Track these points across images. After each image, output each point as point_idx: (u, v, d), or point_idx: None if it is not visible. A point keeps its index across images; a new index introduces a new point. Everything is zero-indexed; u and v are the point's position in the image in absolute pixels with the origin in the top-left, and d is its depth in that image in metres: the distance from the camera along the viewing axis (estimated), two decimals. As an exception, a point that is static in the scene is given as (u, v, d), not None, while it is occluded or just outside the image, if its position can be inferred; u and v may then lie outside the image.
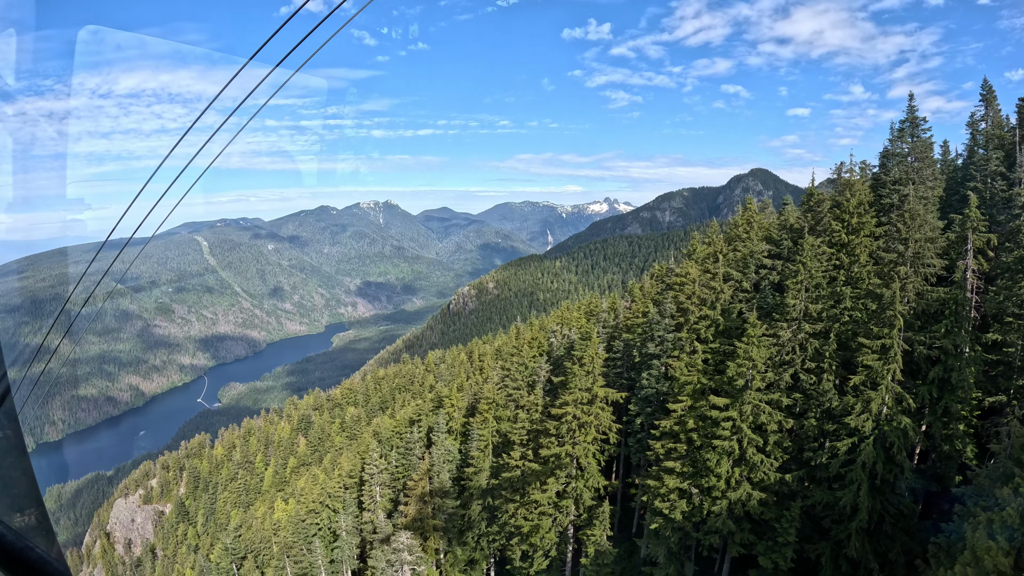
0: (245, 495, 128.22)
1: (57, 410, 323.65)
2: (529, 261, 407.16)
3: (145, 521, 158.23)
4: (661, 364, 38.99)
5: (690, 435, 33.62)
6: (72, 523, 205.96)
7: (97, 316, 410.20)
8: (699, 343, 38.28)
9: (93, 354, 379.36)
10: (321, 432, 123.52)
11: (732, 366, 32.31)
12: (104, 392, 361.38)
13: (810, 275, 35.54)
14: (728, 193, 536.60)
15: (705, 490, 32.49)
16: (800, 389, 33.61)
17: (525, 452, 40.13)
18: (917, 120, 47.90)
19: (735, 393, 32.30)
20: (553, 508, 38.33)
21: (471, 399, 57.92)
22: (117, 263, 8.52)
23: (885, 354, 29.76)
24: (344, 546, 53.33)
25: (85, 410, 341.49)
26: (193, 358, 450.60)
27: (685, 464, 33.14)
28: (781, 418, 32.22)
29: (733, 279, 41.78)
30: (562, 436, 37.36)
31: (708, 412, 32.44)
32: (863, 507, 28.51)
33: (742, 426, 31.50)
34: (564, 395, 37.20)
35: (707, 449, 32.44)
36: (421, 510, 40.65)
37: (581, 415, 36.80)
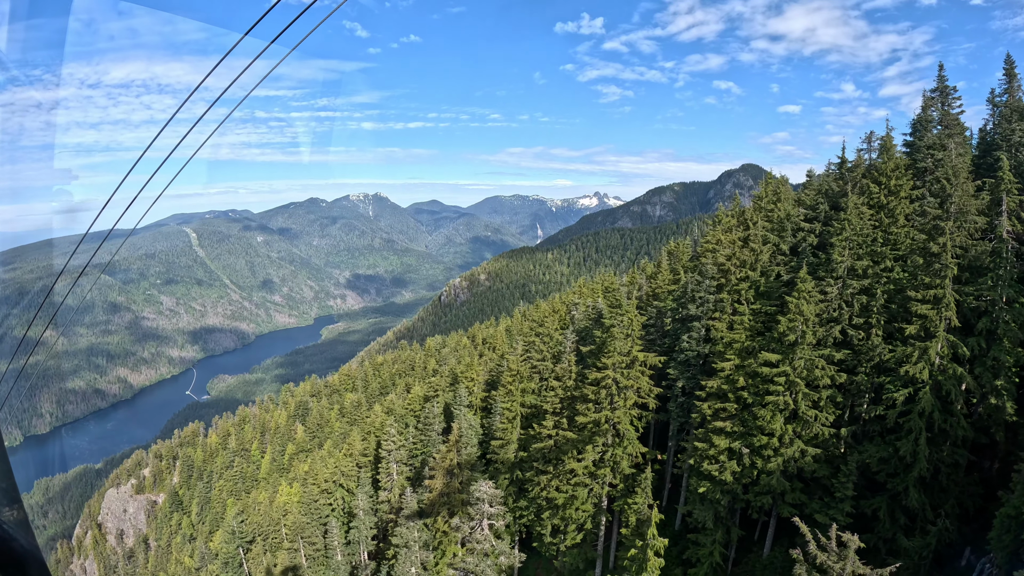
0: (242, 483, 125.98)
1: (45, 403, 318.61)
2: (521, 253, 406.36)
3: (138, 511, 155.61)
4: (701, 326, 37.84)
5: (740, 394, 32.69)
6: (61, 516, 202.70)
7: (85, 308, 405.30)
8: (739, 304, 37.26)
9: (82, 346, 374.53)
10: (320, 418, 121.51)
11: (783, 321, 31.46)
12: (92, 384, 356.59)
13: (855, 232, 35.21)
14: (719, 188, 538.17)
15: (756, 449, 31.57)
16: (849, 345, 33.06)
17: (559, 421, 38.84)
18: (947, 89, 48.39)
19: (786, 349, 31.51)
20: (589, 478, 37.06)
21: (488, 375, 56.56)
22: (105, 255, 8.34)
23: (938, 304, 29.39)
24: (361, 526, 51.69)
25: (73, 403, 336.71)
26: (182, 350, 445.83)
27: (735, 424, 32.20)
28: (833, 372, 31.45)
29: (771, 242, 40.96)
30: (600, 401, 36.08)
31: (759, 369, 31.55)
32: (922, 456, 27.92)
33: (796, 381, 30.66)
34: (603, 359, 35.89)
35: (758, 406, 31.56)
36: (448, 484, 39.11)
37: (621, 379, 35.53)
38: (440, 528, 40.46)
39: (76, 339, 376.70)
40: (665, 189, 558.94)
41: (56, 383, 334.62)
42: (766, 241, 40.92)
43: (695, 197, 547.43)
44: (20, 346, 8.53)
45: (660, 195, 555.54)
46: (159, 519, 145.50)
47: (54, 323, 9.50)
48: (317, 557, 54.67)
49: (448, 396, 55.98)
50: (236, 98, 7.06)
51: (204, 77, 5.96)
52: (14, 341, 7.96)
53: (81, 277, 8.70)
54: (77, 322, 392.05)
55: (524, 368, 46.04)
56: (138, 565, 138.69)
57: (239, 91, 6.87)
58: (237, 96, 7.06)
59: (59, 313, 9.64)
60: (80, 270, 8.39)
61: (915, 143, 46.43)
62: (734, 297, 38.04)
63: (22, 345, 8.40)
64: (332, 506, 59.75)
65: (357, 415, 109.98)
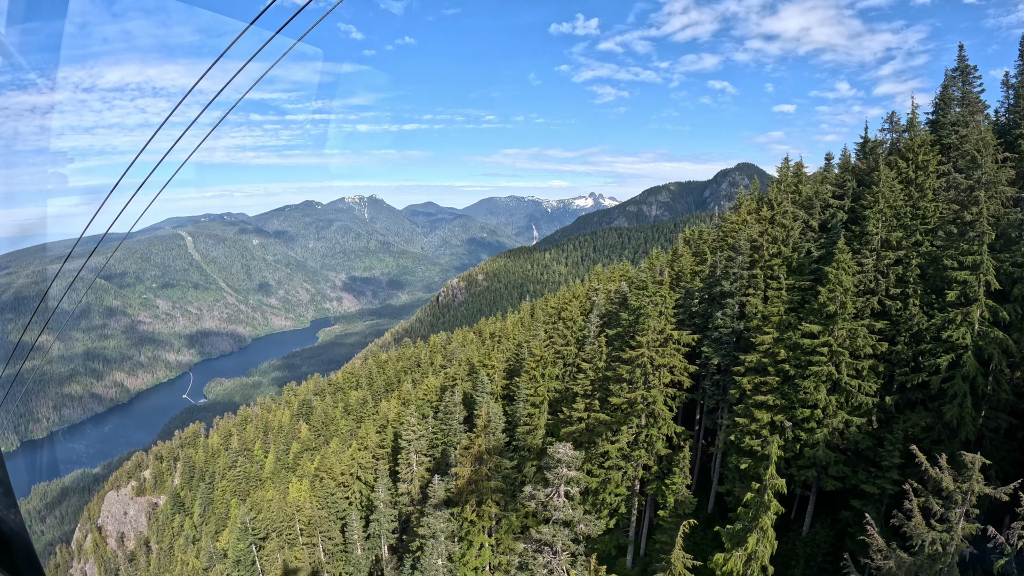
0: (245, 483, 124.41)
1: (42, 407, 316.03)
2: (519, 253, 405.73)
3: (138, 514, 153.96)
4: (735, 302, 37.29)
5: (781, 366, 32.28)
6: (59, 521, 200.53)
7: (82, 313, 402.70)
8: (772, 280, 36.85)
9: (78, 351, 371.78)
10: (325, 416, 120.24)
11: (823, 292, 31.24)
12: (89, 389, 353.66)
13: (888, 204, 35.27)
14: (715, 187, 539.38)
15: (799, 423, 31.18)
16: (887, 316, 32.93)
17: (590, 404, 38.12)
18: (968, 68, 48.96)
19: (826, 320, 31.33)
20: (623, 460, 36.34)
21: (506, 364, 55.80)
22: (99, 259, 8.44)
23: (976, 269, 29.29)
24: (382, 519, 50.55)
25: (70, 407, 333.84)
26: (178, 354, 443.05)
27: (776, 397, 31.76)
28: (875, 341, 31.20)
29: (800, 218, 40.64)
30: (635, 381, 35.37)
31: (800, 340, 31.29)
32: (967, 420, 27.72)
33: (839, 350, 30.36)
34: (637, 337, 35.25)
35: (801, 378, 31.24)
36: (477, 471, 38.20)
37: (656, 356, 34.87)
38: (468, 517, 39.57)
39: (72, 344, 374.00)
40: (661, 189, 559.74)
41: (53, 388, 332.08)
42: (795, 218, 40.54)
43: (691, 196, 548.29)
44: (15, 351, 8.20)
45: (656, 195, 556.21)
46: (160, 521, 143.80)
47: (49, 327, 9.12)
48: (336, 552, 53.56)
49: (467, 386, 55.12)
50: (231, 100, 7.01)
51: (197, 80, 5.92)
52: (9, 346, 7.50)
53: (76, 281, 8.53)
54: (73, 327, 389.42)
55: (548, 353, 45.30)
56: (139, 568, 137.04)
57: (234, 93, 6.75)
58: (232, 98, 6.99)
59: (54, 317, 9.58)
60: (75, 274, 8.23)
61: (939, 120, 46.85)
62: (767, 272, 37.60)
63: (17, 350, 8.02)
64: (349, 500, 58.63)
65: (363, 412, 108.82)
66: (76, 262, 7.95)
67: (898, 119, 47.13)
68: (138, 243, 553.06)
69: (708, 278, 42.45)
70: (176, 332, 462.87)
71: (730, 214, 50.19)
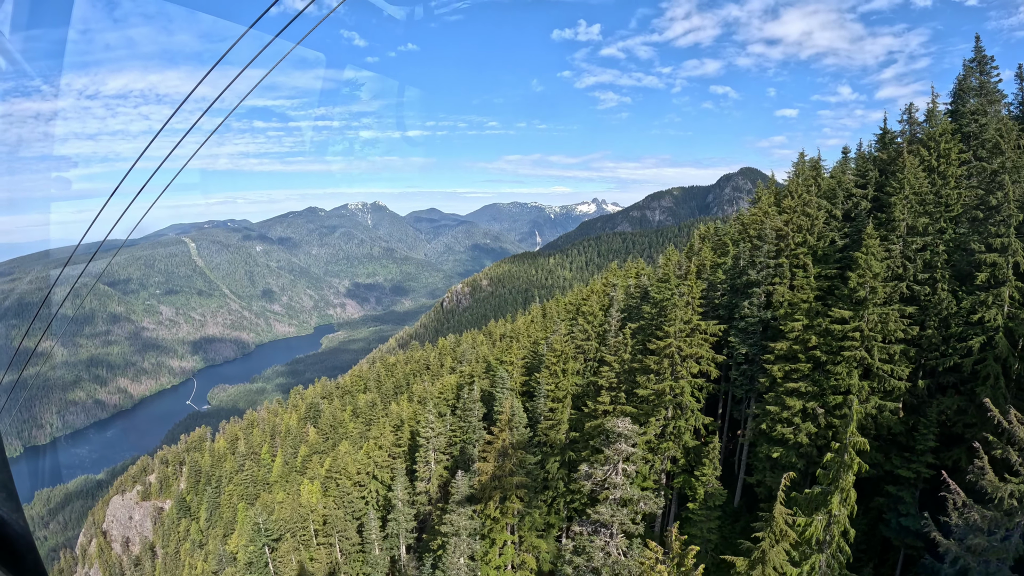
0: (252, 487, 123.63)
1: (45, 413, 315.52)
2: (523, 259, 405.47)
3: (143, 518, 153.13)
4: (762, 291, 36.92)
5: (812, 353, 31.93)
6: (62, 527, 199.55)
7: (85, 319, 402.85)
8: (797, 269, 36.56)
9: (82, 357, 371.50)
10: (333, 419, 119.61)
11: (853, 277, 31.01)
12: (92, 395, 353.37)
13: (913, 191, 35.33)
14: (718, 192, 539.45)
15: (830, 409, 30.84)
16: (915, 301, 32.84)
17: (616, 396, 37.60)
18: (985, 59, 49.63)
19: (856, 305, 31.16)
20: (651, 453, 35.81)
21: (523, 360, 55.29)
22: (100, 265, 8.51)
23: (1005, 251, 29.19)
24: (400, 518, 49.87)
25: (73, 413, 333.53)
26: (181, 360, 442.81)
27: (808, 384, 31.35)
28: (906, 326, 30.97)
29: (824, 207, 40.48)
30: (662, 372, 34.91)
31: (831, 327, 31.09)
32: (1000, 401, 27.17)
33: (871, 335, 30.14)
34: (664, 327, 34.80)
35: (832, 364, 30.98)
36: (501, 466, 37.60)
37: (684, 346, 34.42)
38: (491, 514, 38.89)
39: (77, 350, 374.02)
40: (664, 194, 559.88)
41: (56, 393, 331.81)
42: (819, 207, 40.37)
43: (694, 201, 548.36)
44: (15, 356, 8.32)
45: (659, 200, 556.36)
46: (166, 526, 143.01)
47: (51, 333, 8.98)
48: (353, 552, 52.84)
49: (484, 383, 54.57)
50: (232, 106, 7.10)
51: (195, 86, 5.88)
52: (12, 352, 7.29)
53: (78, 287, 8.54)
54: (77, 332, 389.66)
55: (569, 348, 44.81)
56: (145, 573, 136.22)
57: (234, 98, 6.89)
58: (233, 104, 7.05)
59: (56, 323, 9.43)
60: (74, 280, 8.22)
61: (958, 109, 47.18)
62: (793, 261, 37.31)
63: (20, 355, 8.17)
64: (366, 499, 57.93)
65: (373, 414, 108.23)
66: (77, 267, 7.98)
67: (916, 110, 47.35)
68: (142, 249, 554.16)
69: (731, 269, 42.15)
70: (180, 338, 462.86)
71: (748, 208, 50.24)
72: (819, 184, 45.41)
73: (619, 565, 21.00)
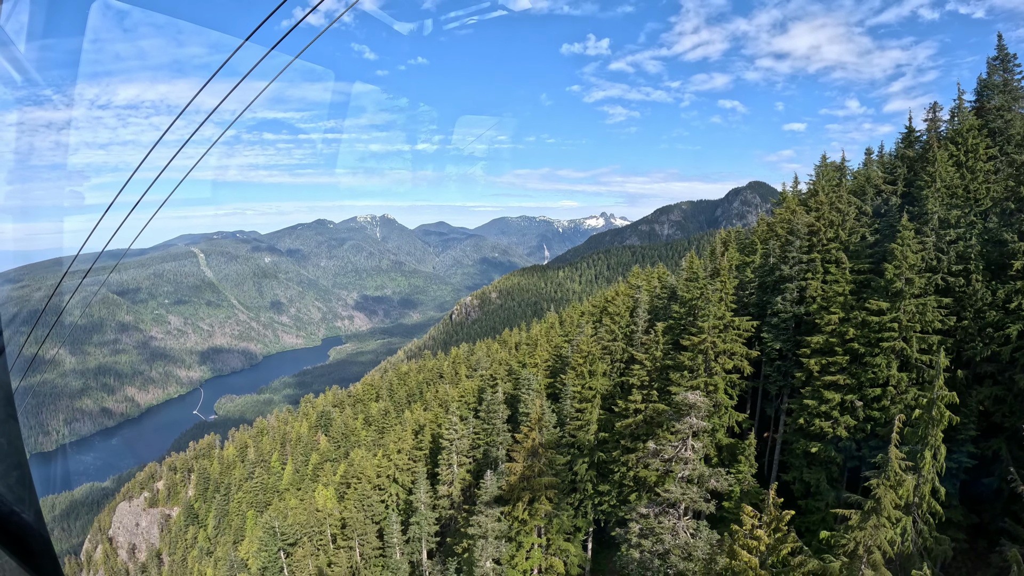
0: (263, 494, 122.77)
1: (51, 420, 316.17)
2: (532, 271, 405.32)
3: (150, 525, 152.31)
4: (795, 287, 36.59)
5: (849, 345, 31.65)
6: (67, 534, 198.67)
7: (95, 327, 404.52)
8: (830, 264, 36.32)
9: (91, 365, 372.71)
10: (345, 427, 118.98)
11: (889, 268, 30.89)
12: (99, 403, 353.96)
13: (944, 184, 35.67)
14: (726, 206, 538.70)
15: (869, 402, 30.53)
16: (950, 292, 32.76)
17: (647, 395, 37.10)
18: (1008, 56, 50.57)
19: (892, 297, 31.04)
20: (683, 450, 35.23)
21: (546, 363, 54.85)
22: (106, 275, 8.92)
23: None
24: (422, 521, 49.00)
25: (80, 420, 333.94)
26: (189, 370, 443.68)
27: (846, 377, 31.09)
28: (943, 315, 30.86)
29: (854, 203, 40.43)
30: (696, 368, 34.44)
31: (868, 318, 30.96)
32: None
33: (909, 325, 30.00)
34: (698, 322, 34.42)
35: (871, 356, 30.77)
36: (531, 466, 36.97)
37: (718, 342, 33.99)
38: (518, 516, 38.12)
39: (85, 358, 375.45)
40: (673, 208, 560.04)
41: (64, 401, 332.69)
42: (849, 203, 40.38)
43: (703, 215, 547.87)
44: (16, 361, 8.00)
45: (668, 214, 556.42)
46: (173, 533, 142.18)
47: (58, 340, 8.92)
48: (373, 556, 51.99)
49: (507, 386, 54.05)
50: (241, 117, 7.19)
51: (196, 93, 5.93)
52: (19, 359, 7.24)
53: (80, 294, 8.57)
54: (86, 341, 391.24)
55: (596, 349, 44.37)
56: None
57: (241, 109, 6.94)
58: (243, 115, 7.11)
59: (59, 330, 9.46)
60: (75, 288, 8.25)
61: (983, 106, 47.51)
62: (825, 256, 37.05)
63: (22, 361, 7.98)
64: (386, 503, 57.15)
65: (386, 423, 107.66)
66: (78, 277, 7.95)
67: (940, 109, 47.86)
68: (151, 259, 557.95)
69: (760, 268, 42.00)
70: (188, 348, 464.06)
71: (778, 208, 50.32)
72: (843, 184, 45.69)
73: (690, 546, 20.41)
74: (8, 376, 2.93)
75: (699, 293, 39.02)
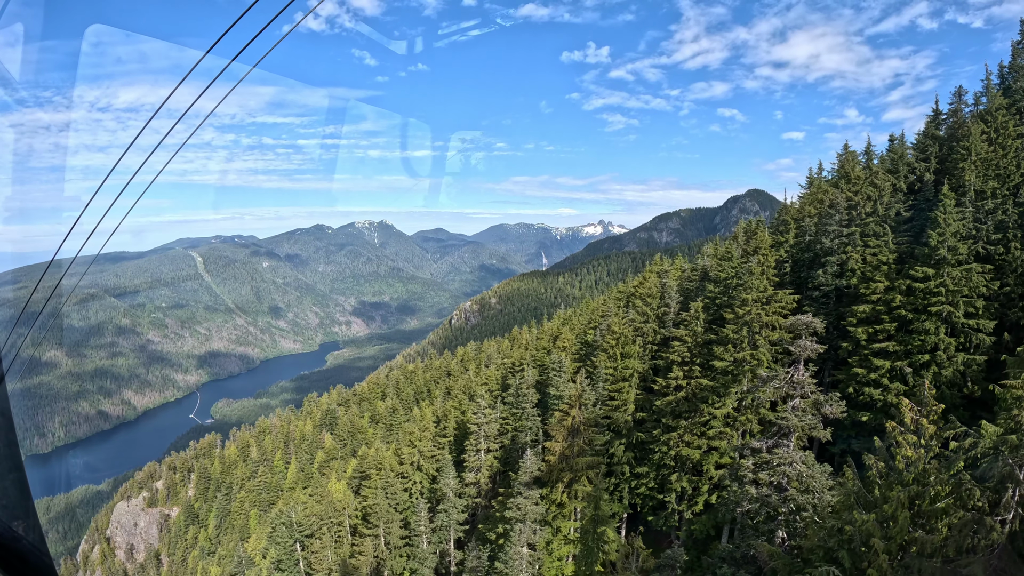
0: (266, 493, 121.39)
1: (47, 422, 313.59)
2: (532, 277, 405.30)
3: (149, 525, 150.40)
4: (836, 260, 36.42)
5: (897, 312, 31.84)
6: (61, 536, 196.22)
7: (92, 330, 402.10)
8: (869, 237, 36.20)
9: (88, 368, 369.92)
10: (351, 426, 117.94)
11: (933, 235, 31.23)
12: (96, 406, 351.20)
13: (979, 157, 36.13)
14: (725, 214, 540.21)
15: (918, 368, 30.37)
16: (990, 260, 32.99)
17: (690, 371, 36.59)
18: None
19: (936, 264, 31.37)
20: (727, 427, 34.72)
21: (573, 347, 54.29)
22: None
23: None
24: (451, 509, 47.73)
25: (76, 423, 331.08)
26: (186, 374, 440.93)
27: (894, 344, 31.08)
28: (988, 280, 31.04)
29: (889, 180, 40.55)
30: (740, 341, 33.96)
31: (914, 284, 31.34)
32: None
33: (956, 289, 30.21)
34: (743, 294, 33.99)
35: (919, 321, 30.94)
36: (571, 444, 36.24)
37: (763, 314, 33.58)
38: (556, 499, 37.29)
39: (82, 360, 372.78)
40: (672, 215, 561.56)
41: (60, 403, 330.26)
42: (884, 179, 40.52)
43: (701, 223, 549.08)
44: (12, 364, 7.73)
45: (666, 221, 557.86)
46: (173, 533, 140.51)
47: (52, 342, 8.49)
48: (400, 545, 50.86)
49: (533, 372, 53.30)
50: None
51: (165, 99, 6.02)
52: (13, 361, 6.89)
53: (72, 297, 8.29)
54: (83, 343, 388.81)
55: (628, 331, 43.88)
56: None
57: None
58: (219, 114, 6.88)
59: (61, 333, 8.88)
60: (52, 291, 8.00)
61: (1010, 87, 47.83)
62: (864, 230, 36.95)
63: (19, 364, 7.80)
64: (409, 491, 56.10)
65: (393, 420, 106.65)
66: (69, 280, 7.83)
67: (965, 92, 48.33)
68: (149, 263, 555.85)
69: (794, 246, 41.95)
70: (185, 352, 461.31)
71: (805, 192, 50.68)
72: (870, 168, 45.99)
73: (806, 477, 19.81)
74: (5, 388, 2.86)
75: (733, 272, 38.76)
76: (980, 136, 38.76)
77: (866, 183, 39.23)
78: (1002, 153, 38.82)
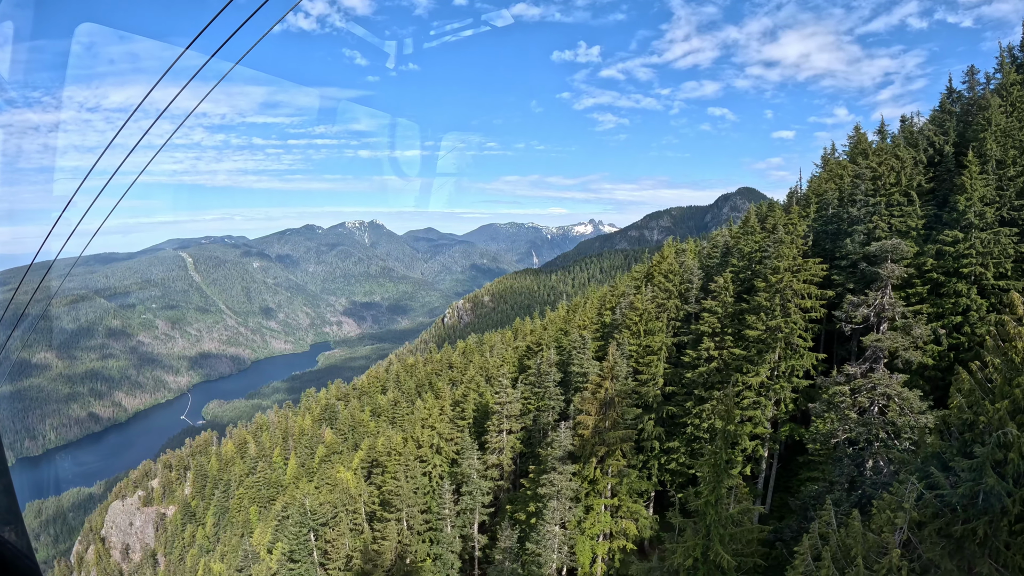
0: (265, 489, 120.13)
1: (38, 424, 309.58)
2: (524, 275, 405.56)
3: (145, 524, 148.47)
4: (863, 229, 36.52)
5: (928, 275, 32.31)
6: (53, 539, 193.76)
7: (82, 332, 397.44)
8: (893, 208, 36.42)
9: (79, 371, 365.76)
10: (352, 420, 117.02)
11: (961, 200, 31.89)
12: (87, 408, 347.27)
13: (999, 127, 36.25)
14: (716, 212, 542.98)
15: (951, 331, 30.89)
16: (1015, 224, 33.41)
17: (721, 341, 36.51)
18: None
19: (964, 229, 31.93)
20: (761, 396, 34.64)
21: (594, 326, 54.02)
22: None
23: None
24: (475, 491, 47.30)
25: (67, 425, 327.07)
26: (177, 375, 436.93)
27: (927, 306, 31.56)
28: (1016, 240, 31.59)
29: (910, 153, 40.92)
30: (772, 309, 33.92)
31: (944, 248, 31.90)
32: None
33: (985, 250, 30.83)
34: (775, 261, 34.01)
35: (949, 284, 31.61)
36: (604, 417, 35.87)
37: (795, 282, 33.59)
38: (589, 476, 36.82)
39: (73, 362, 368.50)
40: (663, 214, 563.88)
41: (51, 406, 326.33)
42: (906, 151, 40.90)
43: (692, 221, 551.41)
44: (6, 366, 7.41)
45: (657, 220, 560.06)
46: (169, 532, 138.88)
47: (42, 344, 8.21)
48: (423, 530, 50.16)
49: (552, 353, 52.90)
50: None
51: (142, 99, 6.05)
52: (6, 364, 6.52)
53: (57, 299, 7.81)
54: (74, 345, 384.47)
55: (651, 307, 43.75)
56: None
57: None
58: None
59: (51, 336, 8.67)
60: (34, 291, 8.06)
61: (1023, 64, 47.93)
62: (888, 200, 37.16)
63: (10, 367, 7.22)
64: (428, 474, 55.42)
65: (396, 413, 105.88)
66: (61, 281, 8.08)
67: (977, 71, 48.73)
68: (139, 264, 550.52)
69: (817, 219, 42.05)
70: (176, 353, 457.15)
71: (822, 171, 50.95)
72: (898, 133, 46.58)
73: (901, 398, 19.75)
74: None
75: (757, 246, 38.76)
76: (998, 108, 39.20)
77: (889, 155, 39.43)
78: (1019, 125, 39.51)
